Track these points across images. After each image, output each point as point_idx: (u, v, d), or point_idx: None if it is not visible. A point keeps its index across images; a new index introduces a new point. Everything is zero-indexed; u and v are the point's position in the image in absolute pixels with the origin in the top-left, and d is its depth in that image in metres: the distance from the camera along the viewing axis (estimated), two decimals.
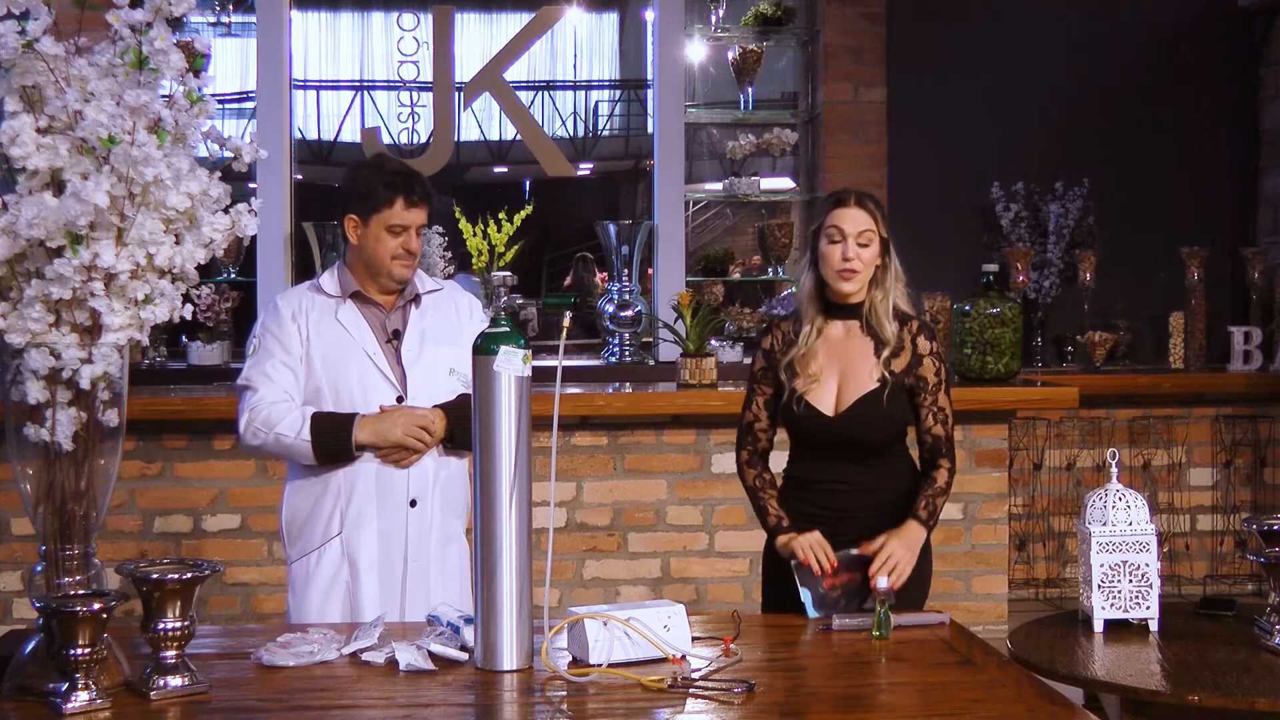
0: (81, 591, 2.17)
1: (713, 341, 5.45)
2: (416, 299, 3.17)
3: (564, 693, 2.20)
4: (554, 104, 6.79)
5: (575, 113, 6.86)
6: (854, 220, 2.96)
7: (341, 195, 3.16)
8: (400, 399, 3.07)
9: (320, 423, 3.01)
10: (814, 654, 2.44)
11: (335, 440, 3.00)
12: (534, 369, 2.38)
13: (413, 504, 3.06)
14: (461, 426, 2.92)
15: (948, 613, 2.69)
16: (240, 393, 3.10)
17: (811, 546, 2.88)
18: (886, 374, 2.98)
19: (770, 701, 2.15)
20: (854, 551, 2.86)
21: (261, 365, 3.07)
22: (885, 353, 2.99)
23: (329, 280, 3.15)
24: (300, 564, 3.11)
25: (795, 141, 6.29)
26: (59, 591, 2.17)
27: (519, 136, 6.03)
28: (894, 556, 2.82)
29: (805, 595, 2.82)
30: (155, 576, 2.14)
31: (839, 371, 3.00)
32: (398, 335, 3.12)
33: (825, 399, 3.00)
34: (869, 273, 3.00)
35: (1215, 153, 6.40)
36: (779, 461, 3.14)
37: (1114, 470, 3.13)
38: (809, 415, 2.99)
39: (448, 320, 3.17)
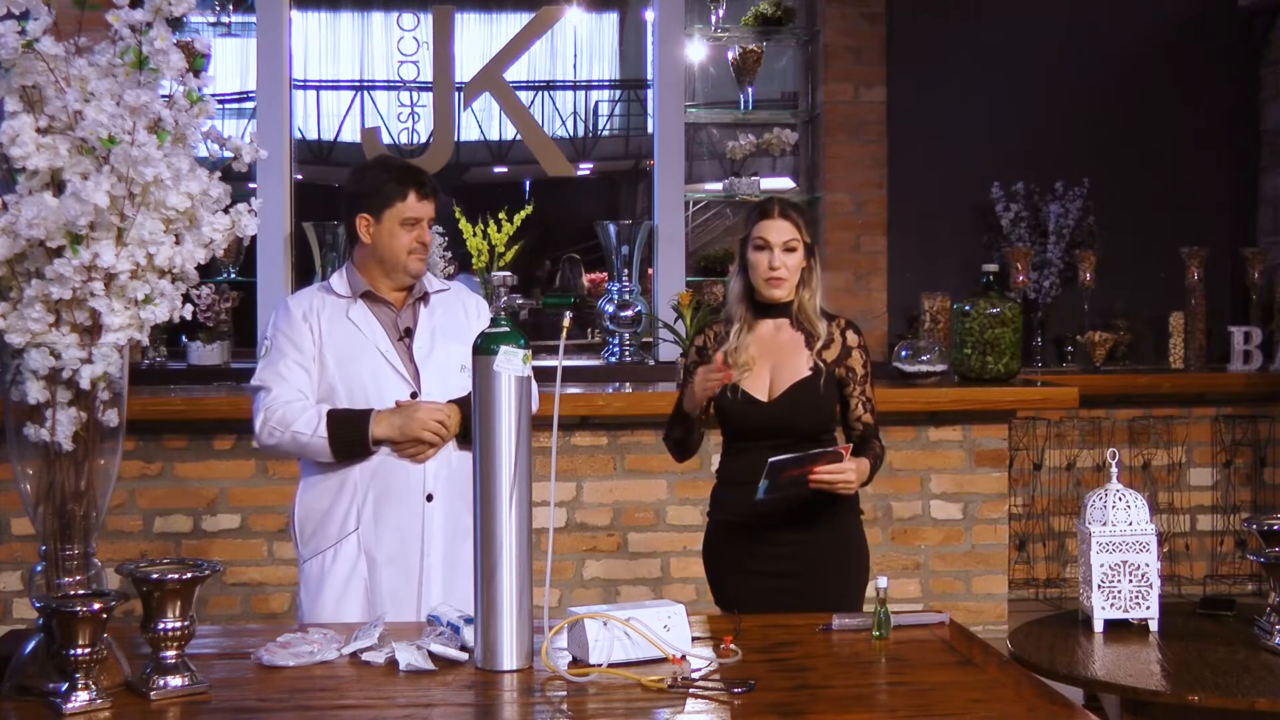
0: (81, 591, 2.17)
1: None
2: (425, 297, 3.20)
3: (564, 693, 2.20)
4: (554, 104, 6.79)
5: (575, 113, 6.85)
6: (778, 230, 3.13)
7: (350, 196, 3.18)
8: (414, 395, 3.09)
9: (336, 419, 3.03)
10: (814, 654, 2.44)
11: (352, 436, 3.02)
12: (534, 369, 2.38)
13: (429, 499, 3.09)
14: None
15: (948, 613, 2.69)
16: (254, 393, 3.12)
17: (710, 372, 3.04)
18: (819, 363, 3.14)
19: (770, 701, 2.14)
20: (814, 451, 3.00)
21: (274, 365, 3.09)
22: (817, 345, 3.15)
23: (338, 281, 3.19)
24: (314, 562, 3.12)
25: (795, 141, 6.28)
26: (59, 591, 2.17)
27: (519, 136, 6.03)
28: (845, 474, 2.97)
29: (762, 485, 2.97)
30: (155, 576, 2.14)
31: (771, 363, 3.15)
32: (409, 333, 3.16)
33: (759, 387, 3.14)
34: (795, 277, 3.16)
35: (1215, 153, 6.40)
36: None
37: (1114, 470, 3.14)
38: (744, 402, 3.13)
39: (456, 319, 3.20)
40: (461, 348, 3.06)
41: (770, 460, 2.97)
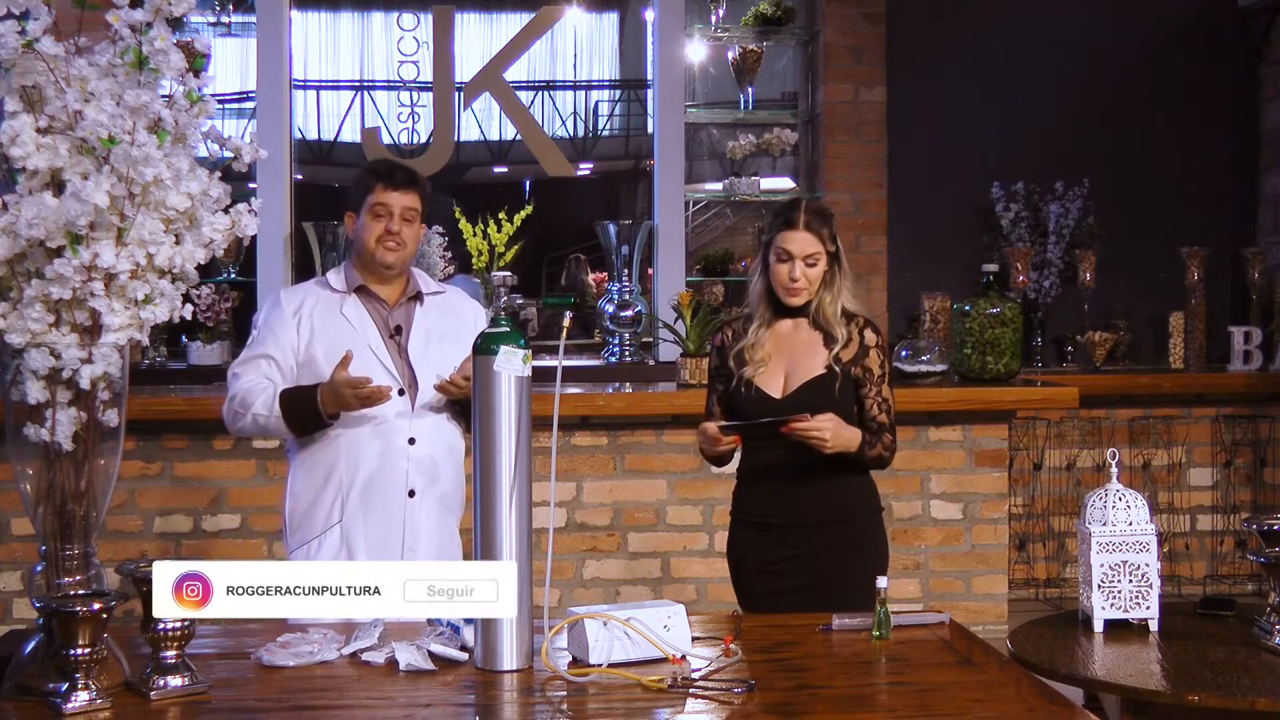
0: (81, 591, 2.17)
1: None
2: (419, 297, 3.28)
3: (564, 693, 2.20)
4: (554, 104, 6.78)
5: (575, 113, 6.84)
6: (801, 243, 3.09)
7: (343, 198, 3.35)
8: (401, 393, 3.15)
9: (288, 398, 3.11)
10: (814, 654, 2.44)
11: (305, 411, 3.09)
12: (534, 369, 2.38)
13: (411, 494, 3.15)
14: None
15: (948, 613, 2.69)
16: (229, 380, 3.23)
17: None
18: (834, 363, 3.10)
19: (770, 701, 2.14)
20: (777, 419, 3.00)
21: (251, 353, 3.21)
22: (835, 346, 3.11)
23: (335, 276, 3.29)
24: (300, 553, 3.19)
25: (795, 141, 6.28)
26: (59, 591, 2.17)
27: (519, 136, 6.03)
28: (824, 430, 2.95)
29: (723, 425, 3.02)
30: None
31: (787, 360, 3.13)
32: (400, 331, 3.23)
33: (773, 384, 3.13)
34: (816, 285, 3.12)
35: (1215, 153, 6.40)
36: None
37: (1114, 470, 3.13)
38: (757, 398, 3.12)
39: (452, 324, 3.26)
40: (456, 350, 3.12)
41: (722, 425, 3.02)
